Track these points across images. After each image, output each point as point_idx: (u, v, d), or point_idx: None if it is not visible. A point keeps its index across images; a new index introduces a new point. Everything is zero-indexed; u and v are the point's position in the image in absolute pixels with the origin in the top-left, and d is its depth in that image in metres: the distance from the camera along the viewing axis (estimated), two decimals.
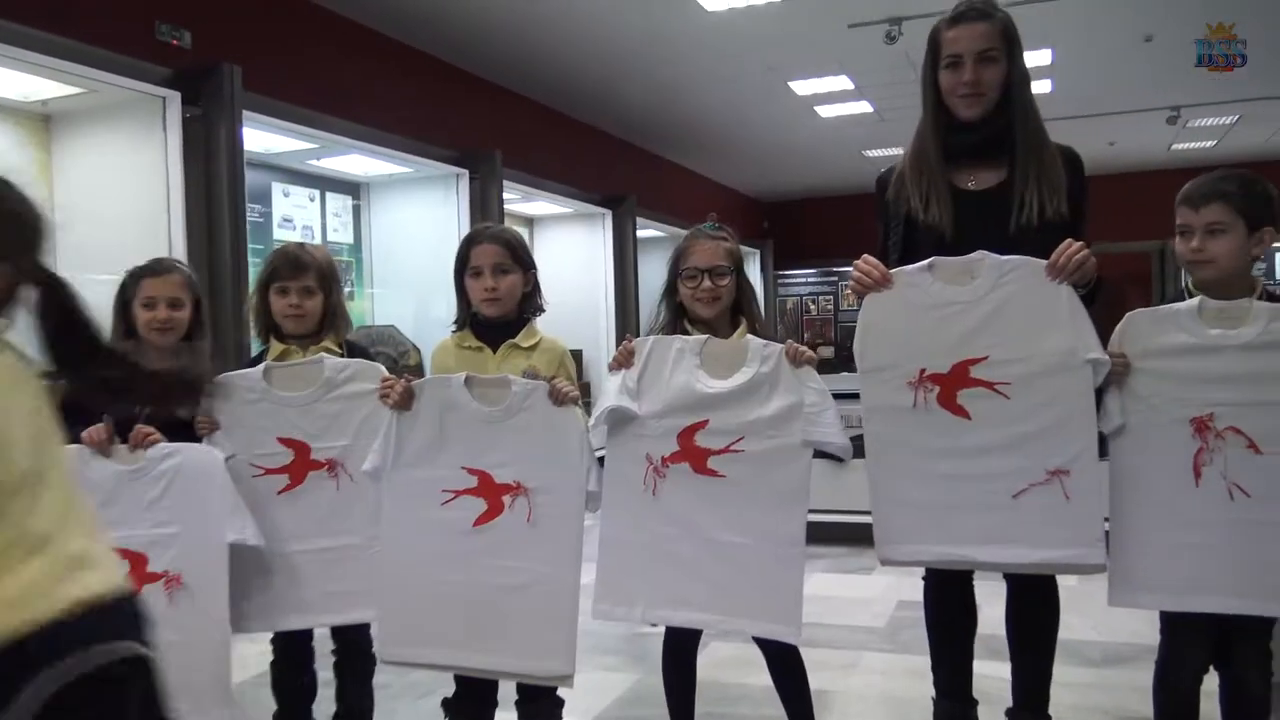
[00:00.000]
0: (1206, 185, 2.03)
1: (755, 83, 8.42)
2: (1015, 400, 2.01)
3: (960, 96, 2.16)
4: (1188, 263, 2.05)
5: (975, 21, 2.14)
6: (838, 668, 3.20)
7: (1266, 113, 10.10)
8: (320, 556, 2.27)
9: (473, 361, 2.26)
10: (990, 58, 2.13)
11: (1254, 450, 1.90)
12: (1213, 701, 2.10)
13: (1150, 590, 2.00)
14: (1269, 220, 2.00)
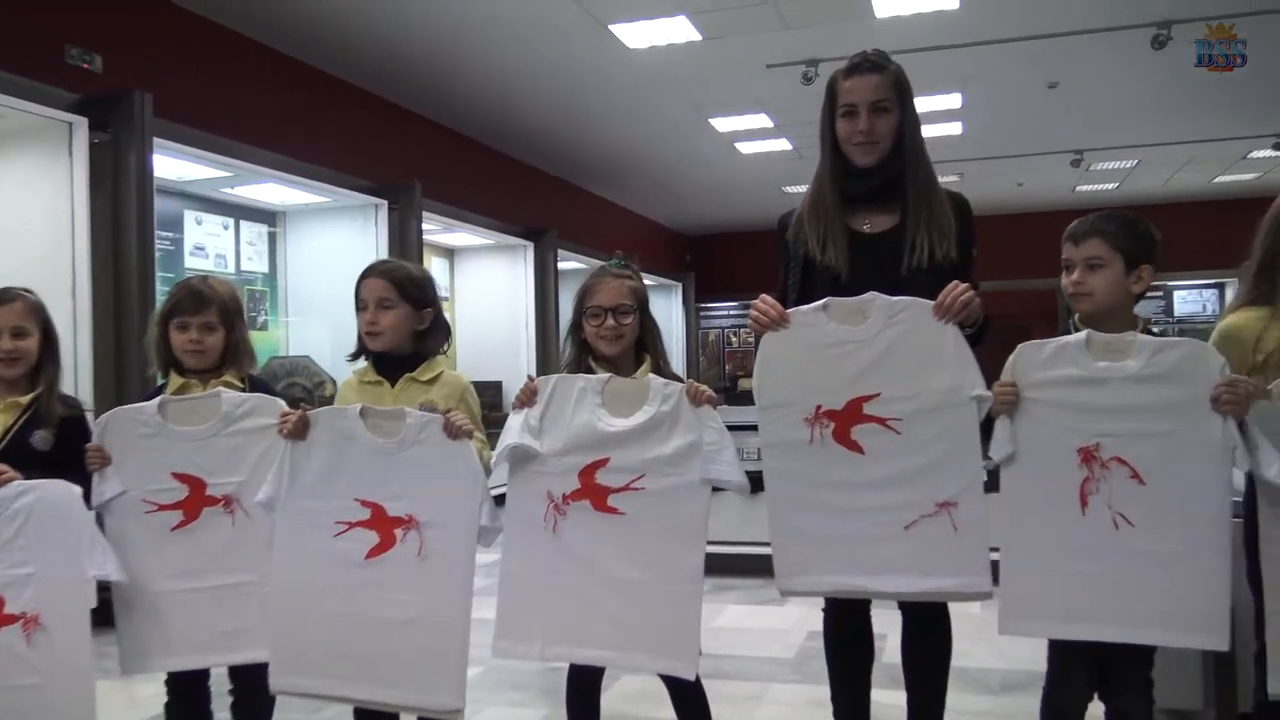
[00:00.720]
0: (1088, 223, 2.14)
1: (677, 119, 8.56)
2: (906, 435, 2.08)
3: (855, 144, 2.24)
4: (1070, 295, 2.14)
5: (869, 73, 2.23)
6: (745, 699, 3.23)
7: (1163, 158, 10.59)
8: (214, 594, 2.23)
9: (371, 395, 2.27)
10: (883, 108, 2.23)
11: (1138, 480, 1.97)
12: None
13: (1038, 618, 2.06)
14: (1147, 259, 2.10)
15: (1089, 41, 6.76)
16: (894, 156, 2.26)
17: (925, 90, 7.92)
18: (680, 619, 2.07)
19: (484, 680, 3.40)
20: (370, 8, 5.92)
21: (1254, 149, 10.26)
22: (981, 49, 6.91)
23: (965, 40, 6.73)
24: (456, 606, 2.10)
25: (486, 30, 6.37)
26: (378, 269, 2.34)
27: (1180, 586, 1.95)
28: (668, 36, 6.51)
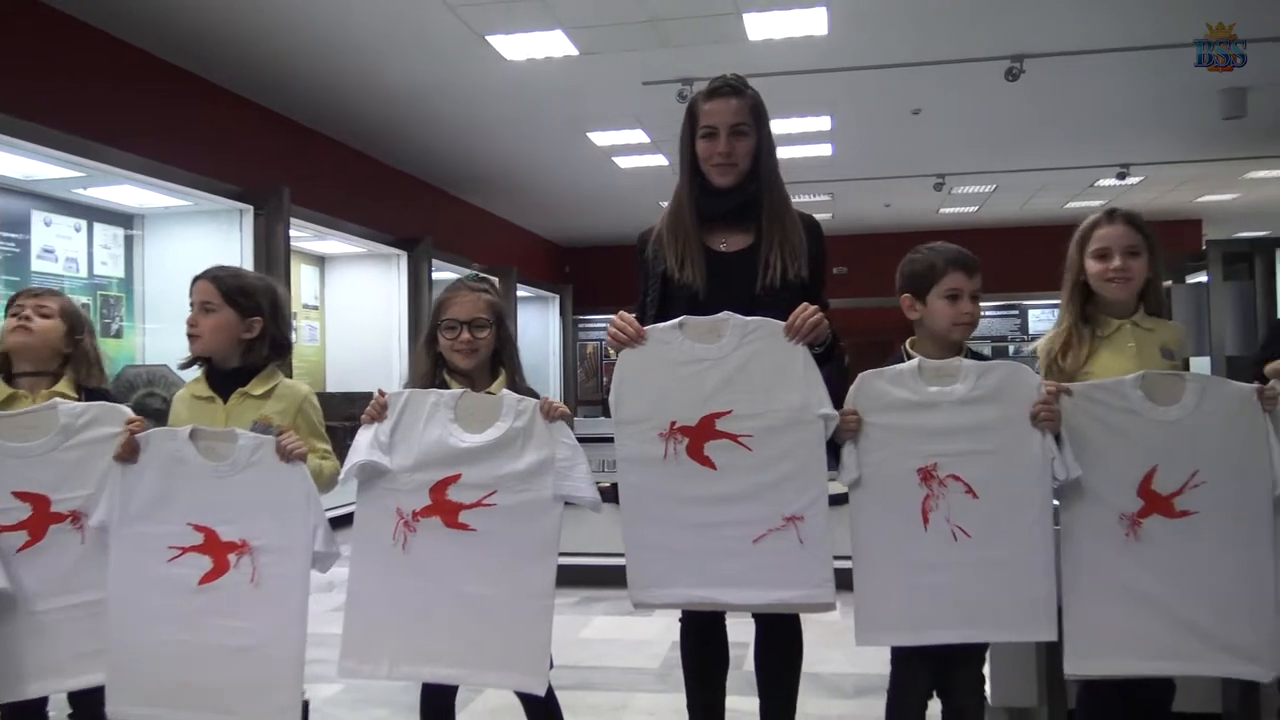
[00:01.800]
0: (974, 258, 2.27)
1: (555, 132, 8.58)
2: (756, 452, 2.14)
3: (715, 165, 2.31)
4: (955, 324, 2.23)
5: (729, 97, 2.30)
6: (610, 709, 3.25)
7: (1019, 183, 11.14)
8: (69, 614, 2.15)
9: (203, 411, 2.22)
10: (742, 131, 2.30)
11: (972, 495, 2.10)
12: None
13: (891, 629, 2.16)
14: None
15: (948, 71, 7.07)
16: (751, 178, 2.33)
17: (796, 112, 8.19)
18: (530, 635, 2.09)
19: (344, 698, 3.33)
20: (233, 6, 5.75)
21: (1100, 178, 10.91)
22: (849, 74, 7.16)
23: (834, 65, 6.96)
24: (291, 634, 2.07)
25: (359, 34, 6.27)
26: (209, 273, 2.30)
27: (1012, 588, 2.08)
28: (545, 50, 6.53)
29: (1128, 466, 2.10)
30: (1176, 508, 2.09)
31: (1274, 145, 9.26)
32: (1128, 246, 2.26)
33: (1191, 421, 2.08)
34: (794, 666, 2.40)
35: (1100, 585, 2.10)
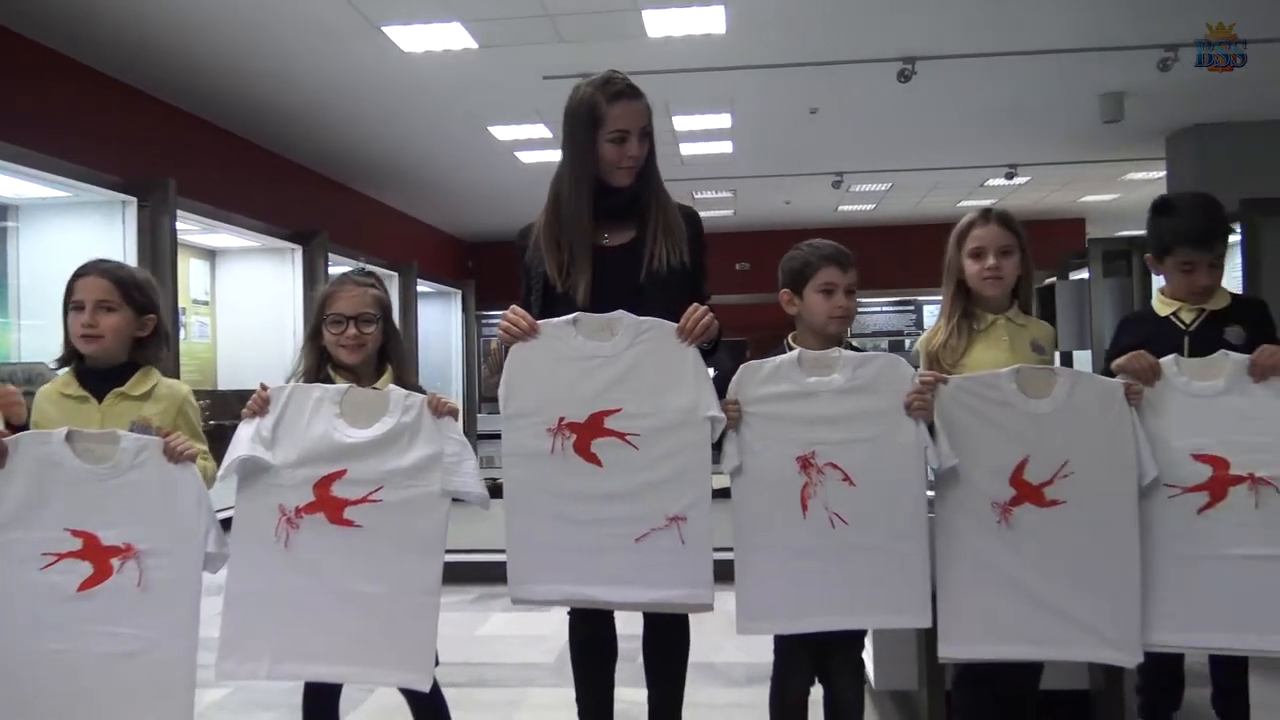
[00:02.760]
0: (847, 253, 2.33)
1: (455, 125, 8.49)
2: (643, 451, 2.16)
3: (624, 168, 2.33)
4: (830, 317, 2.29)
5: (635, 99, 2.32)
6: (504, 705, 3.26)
7: (913, 182, 11.44)
8: None
9: (75, 412, 2.14)
10: (647, 132, 2.34)
11: (849, 483, 2.16)
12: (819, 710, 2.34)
13: (770, 617, 2.20)
14: None
15: (843, 71, 7.22)
16: (641, 175, 2.35)
17: (697, 109, 8.27)
18: (416, 631, 2.07)
19: (231, 701, 3.26)
20: None
21: (989, 178, 11.28)
22: (748, 73, 7.25)
23: (732, 64, 7.04)
24: (182, 638, 2.02)
25: (251, 20, 6.10)
26: (99, 266, 2.21)
27: (888, 574, 2.15)
28: (444, 42, 6.45)
29: (1001, 456, 2.18)
30: (1046, 497, 2.18)
31: (1150, 148, 9.70)
32: (1001, 246, 2.35)
33: (1062, 414, 2.18)
34: (680, 659, 2.44)
35: (973, 572, 2.18)
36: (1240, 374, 2.18)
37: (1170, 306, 2.45)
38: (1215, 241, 2.37)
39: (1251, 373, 2.17)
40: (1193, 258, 2.37)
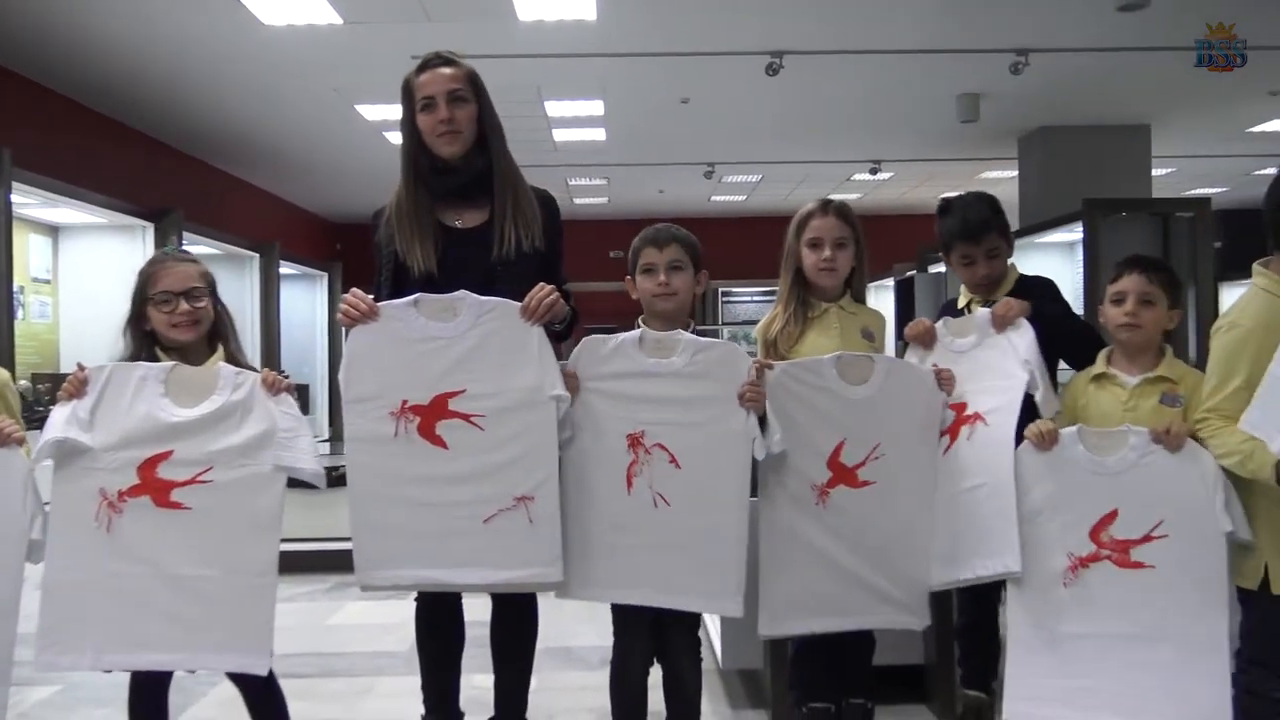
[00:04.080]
0: (665, 231, 2.33)
1: (321, 103, 8.24)
2: (489, 432, 2.16)
3: (440, 135, 2.29)
4: (654, 296, 2.31)
5: (441, 67, 2.29)
6: (352, 695, 3.20)
7: (783, 175, 11.67)
8: None
9: None
10: (460, 97, 2.29)
11: (675, 465, 2.20)
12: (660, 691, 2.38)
13: (594, 585, 2.23)
14: (703, 265, 2.37)
15: (713, 62, 7.31)
16: (479, 150, 2.32)
17: (569, 95, 8.24)
18: (251, 614, 2.02)
19: (59, 699, 3.11)
20: None
21: (855, 172, 11.60)
22: (619, 60, 7.27)
23: (603, 50, 7.04)
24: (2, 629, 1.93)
25: None
26: None
27: (703, 560, 2.20)
28: (306, 16, 6.24)
29: (821, 440, 2.27)
30: (859, 478, 2.28)
31: (1004, 148, 10.14)
32: (837, 238, 2.43)
33: (877, 400, 2.27)
34: (529, 642, 2.44)
35: (793, 551, 2.26)
36: (985, 327, 2.36)
37: (967, 297, 2.61)
38: (986, 234, 2.50)
39: (993, 325, 2.33)
40: (969, 251, 2.52)
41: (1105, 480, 2.07)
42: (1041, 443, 2.12)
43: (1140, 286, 2.19)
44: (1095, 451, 2.09)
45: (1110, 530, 2.07)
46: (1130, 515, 2.05)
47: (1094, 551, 2.08)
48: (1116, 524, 2.06)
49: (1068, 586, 2.09)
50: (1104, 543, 2.07)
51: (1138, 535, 2.05)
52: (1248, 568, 1.96)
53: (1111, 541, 2.07)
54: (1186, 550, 2.00)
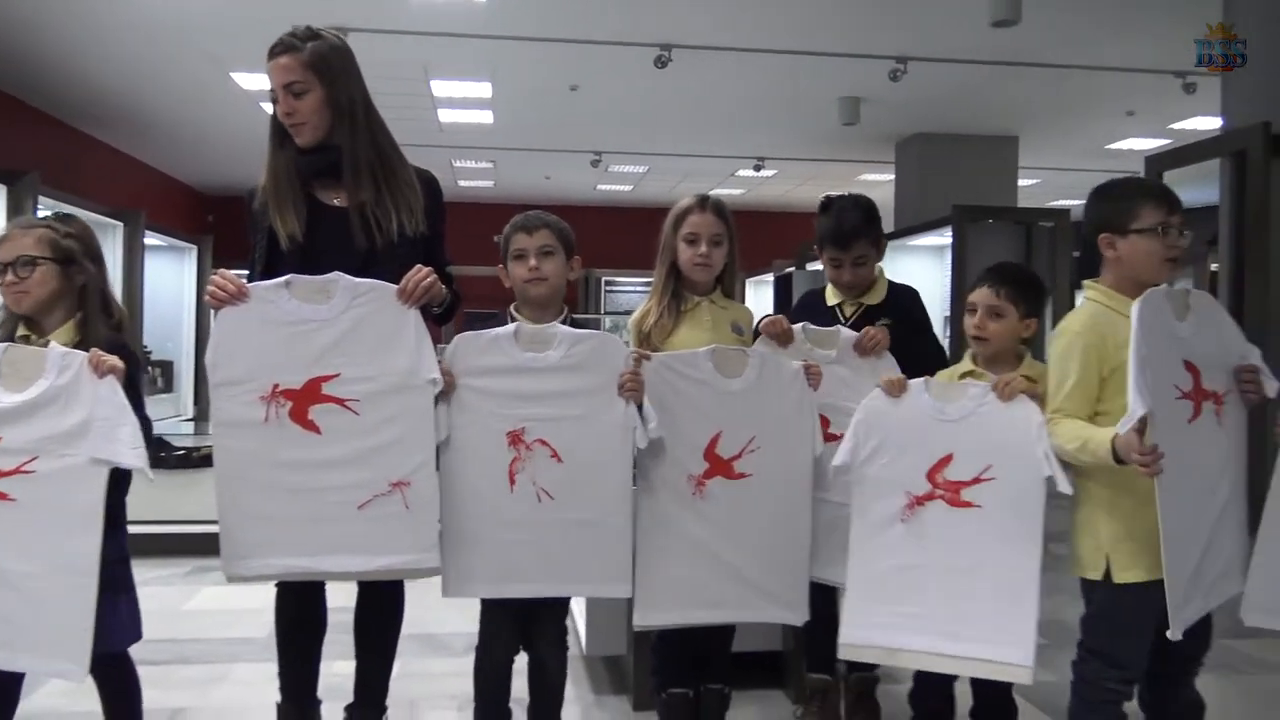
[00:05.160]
0: (536, 217, 2.34)
1: (195, 69, 7.91)
2: (363, 416, 2.12)
3: (292, 126, 2.23)
4: (525, 282, 2.31)
5: (279, 55, 2.21)
6: (206, 682, 3.11)
7: (669, 167, 11.78)
8: None
9: None
10: (297, 91, 2.20)
11: (557, 459, 2.20)
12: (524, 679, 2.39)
13: (475, 580, 2.22)
14: (576, 251, 2.38)
15: (603, 51, 7.32)
16: (340, 132, 2.25)
17: (456, 75, 8.13)
18: (69, 616, 1.93)
19: None
20: None
21: (740, 168, 11.79)
22: (508, 43, 7.20)
23: (493, 32, 6.97)
24: None
25: None
26: None
27: (591, 548, 2.22)
28: None
29: (697, 432, 2.31)
30: (735, 470, 2.32)
31: (883, 152, 10.46)
32: (713, 235, 2.47)
33: (751, 393, 2.33)
34: (394, 629, 2.42)
35: (669, 542, 2.30)
36: (848, 348, 2.47)
37: (836, 298, 2.68)
38: (855, 242, 2.58)
39: (857, 348, 2.46)
40: (836, 255, 2.61)
41: (945, 426, 2.21)
42: (892, 390, 2.24)
43: (987, 300, 2.31)
44: (939, 400, 2.22)
45: (945, 472, 2.20)
46: (963, 459, 2.19)
47: (929, 491, 2.20)
48: (951, 466, 2.19)
49: (904, 522, 2.21)
50: (939, 483, 2.20)
51: (968, 477, 2.18)
52: (1090, 559, 2.07)
53: (945, 482, 2.20)
54: (1009, 492, 2.15)
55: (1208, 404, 2.03)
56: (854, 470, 2.24)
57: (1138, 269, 2.07)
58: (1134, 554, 2.01)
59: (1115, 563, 2.03)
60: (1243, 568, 2.13)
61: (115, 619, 2.03)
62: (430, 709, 2.93)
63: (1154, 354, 1.90)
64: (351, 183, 2.25)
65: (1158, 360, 1.92)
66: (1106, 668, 2.04)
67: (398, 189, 2.29)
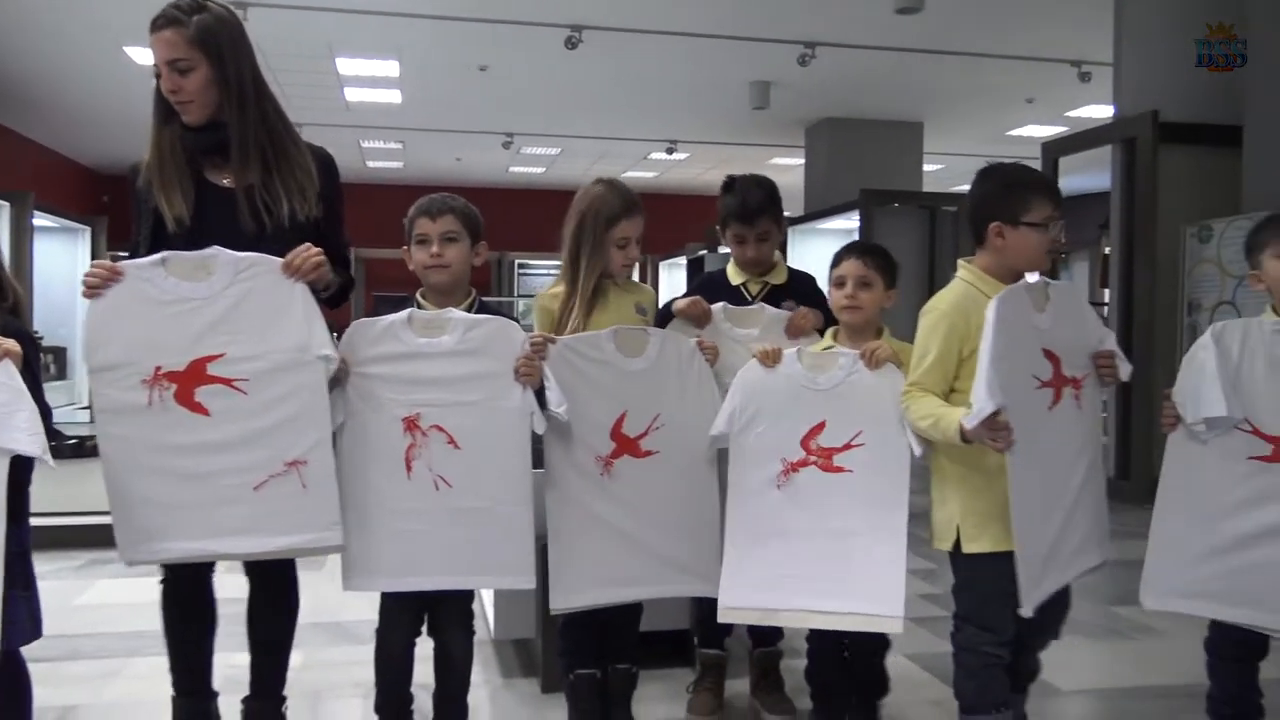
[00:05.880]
0: (439, 201, 2.29)
1: (84, 40, 7.61)
2: (253, 396, 2.06)
3: (178, 104, 2.14)
4: (427, 268, 2.27)
5: (162, 29, 2.10)
6: (98, 678, 3.01)
7: (582, 149, 11.74)
8: None
9: None
10: (182, 68, 2.11)
11: (454, 445, 2.17)
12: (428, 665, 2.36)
13: (376, 574, 2.19)
14: (482, 236, 2.34)
15: (512, 31, 7.25)
16: (230, 110, 2.16)
17: (362, 53, 7.96)
18: None
19: None
20: None
21: (652, 151, 11.81)
22: (416, 21, 7.08)
23: (399, 10, 6.84)
24: None
25: None
26: None
27: (492, 537, 2.19)
28: None
29: (603, 412, 2.31)
30: (642, 448, 2.33)
31: (793, 137, 10.58)
32: (639, 236, 2.48)
33: (653, 371, 2.34)
34: (291, 618, 2.37)
35: (581, 523, 2.30)
36: (774, 327, 2.51)
37: (740, 277, 2.71)
38: (759, 217, 2.61)
39: (787, 330, 2.51)
40: (740, 232, 2.63)
41: (817, 395, 2.27)
42: (766, 360, 2.29)
43: (857, 270, 2.36)
44: (811, 370, 2.28)
45: (818, 439, 2.26)
46: (835, 426, 2.25)
47: (803, 458, 2.26)
48: (824, 434, 2.26)
49: (780, 489, 2.26)
50: (812, 450, 2.26)
51: (840, 444, 2.25)
52: (943, 531, 2.15)
53: (818, 449, 2.26)
54: (877, 457, 2.23)
55: (1068, 389, 2.11)
56: (732, 438, 2.28)
57: (1021, 259, 2.13)
58: (981, 526, 2.08)
59: (964, 534, 2.10)
60: (1099, 541, 2.22)
61: (14, 616, 1.93)
62: (334, 698, 2.89)
63: (1011, 349, 1.97)
64: (239, 164, 2.17)
65: (1016, 354, 1.99)
66: (980, 631, 2.11)
67: (289, 172, 2.21)
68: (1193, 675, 2.39)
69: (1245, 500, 2.14)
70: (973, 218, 2.20)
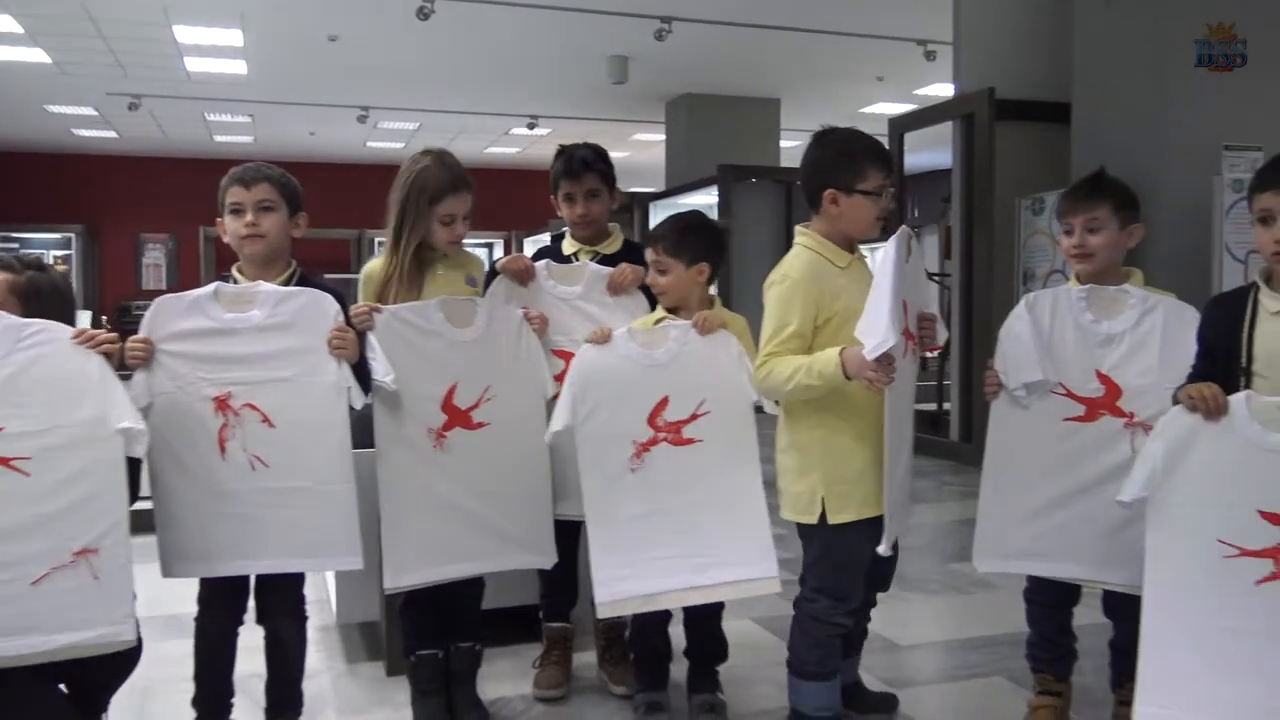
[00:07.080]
0: (255, 169, 2.20)
1: None
2: (35, 477, 1.83)
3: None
4: (242, 238, 2.17)
5: None
6: None
7: (441, 124, 11.47)
8: None
9: None
10: None
11: (268, 424, 2.08)
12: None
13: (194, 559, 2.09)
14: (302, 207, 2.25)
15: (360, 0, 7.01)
16: None
17: (202, 21, 7.58)
18: None
19: None
20: None
21: (513, 126, 11.65)
22: None
23: None
24: None
25: None
26: None
27: (315, 517, 2.11)
28: None
29: (433, 384, 2.26)
30: (474, 420, 2.30)
31: (653, 112, 10.60)
32: (467, 212, 2.42)
33: (484, 342, 2.31)
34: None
35: (414, 499, 2.25)
36: (597, 283, 2.52)
37: (574, 246, 2.70)
38: (585, 173, 2.61)
39: (609, 286, 2.52)
40: (571, 190, 2.64)
41: (656, 371, 2.27)
42: (598, 338, 2.28)
43: (651, 258, 2.38)
44: (645, 346, 2.28)
45: (664, 415, 2.26)
46: (679, 399, 2.26)
47: (653, 436, 2.26)
48: (669, 409, 2.26)
49: (635, 472, 2.25)
50: (660, 426, 2.26)
51: (686, 415, 2.26)
52: (805, 504, 2.15)
53: (665, 425, 2.26)
54: (723, 422, 2.26)
55: (910, 343, 2.15)
56: (577, 429, 2.24)
57: (854, 226, 2.17)
58: (845, 495, 2.12)
59: (830, 505, 2.12)
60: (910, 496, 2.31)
61: None
62: (165, 693, 2.75)
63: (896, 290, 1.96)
64: None
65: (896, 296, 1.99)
66: (835, 603, 2.15)
67: None
68: (1018, 625, 2.50)
69: (1061, 460, 2.21)
70: (807, 183, 2.22)
